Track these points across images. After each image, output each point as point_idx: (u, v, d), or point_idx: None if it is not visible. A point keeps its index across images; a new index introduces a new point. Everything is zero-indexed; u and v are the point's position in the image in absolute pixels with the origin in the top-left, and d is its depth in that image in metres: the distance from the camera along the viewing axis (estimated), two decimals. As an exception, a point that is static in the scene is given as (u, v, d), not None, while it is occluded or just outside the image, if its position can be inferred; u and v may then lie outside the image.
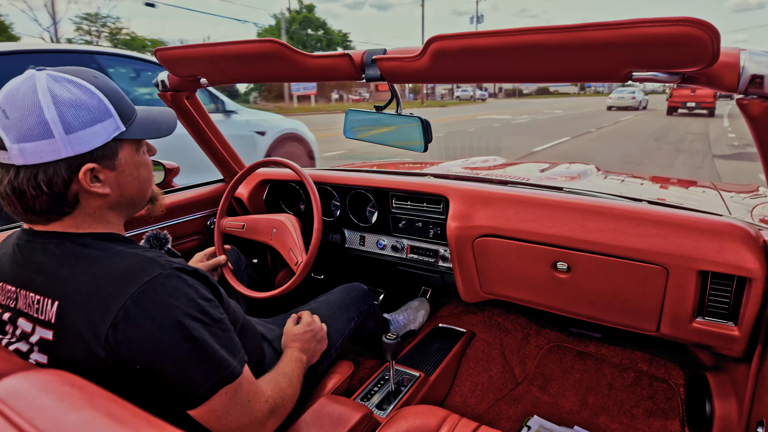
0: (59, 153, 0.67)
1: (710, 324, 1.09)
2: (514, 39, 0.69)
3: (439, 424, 0.94)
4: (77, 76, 0.71)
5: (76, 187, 0.70)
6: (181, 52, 1.09)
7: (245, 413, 0.74)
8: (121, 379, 0.68)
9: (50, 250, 0.71)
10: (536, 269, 1.26)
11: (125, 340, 0.65)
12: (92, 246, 0.72)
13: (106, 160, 0.72)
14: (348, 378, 1.24)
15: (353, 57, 0.90)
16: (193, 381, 0.68)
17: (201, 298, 0.72)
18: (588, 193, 1.35)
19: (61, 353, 0.69)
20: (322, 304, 1.34)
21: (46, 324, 0.69)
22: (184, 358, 0.67)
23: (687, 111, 17.75)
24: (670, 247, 1.07)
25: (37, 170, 0.67)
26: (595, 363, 1.65)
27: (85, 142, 0.69)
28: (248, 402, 0.74)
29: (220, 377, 0.70)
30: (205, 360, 0.69)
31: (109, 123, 0.71)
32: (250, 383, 0.76)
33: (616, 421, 1.44)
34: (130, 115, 0.75)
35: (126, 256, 0.71)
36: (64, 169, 0.68)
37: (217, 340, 0.71)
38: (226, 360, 0.71)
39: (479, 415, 1.51)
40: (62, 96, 0.67)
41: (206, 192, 1.74)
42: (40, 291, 0.70)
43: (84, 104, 0.69)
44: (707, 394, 1.24)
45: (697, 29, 0.57)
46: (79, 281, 0.68)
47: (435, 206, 1.52)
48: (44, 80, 0.67)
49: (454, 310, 1.95)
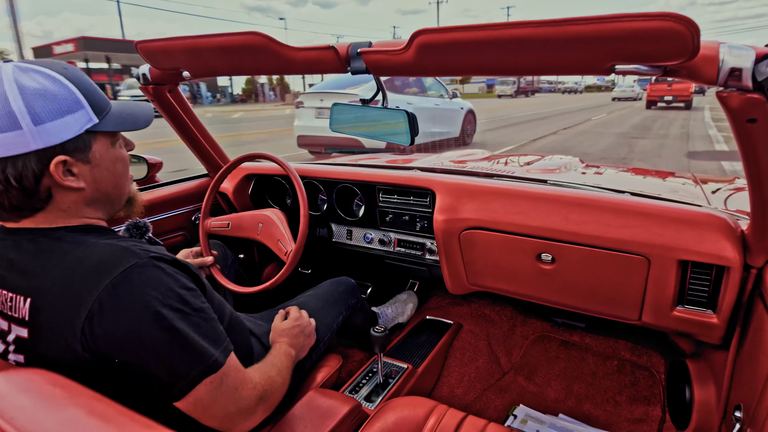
0: (28, 145, 0.65)
1: (690, 312, 1.12)
2: (499, 33, 0.69)
3: (426, 415, 0.95)
4: (46, 66, 0.69)
5: (48, 182, 0.68)
6: (162, 44, 1.07)
7: (233, 401, 0.73)
8: (100, 374, 0.66)
9: (23, 246, 0.69)
10: (521, 261, 1.28)
11: (102, 334, 0.63)
12: (65, 239, 0.70)
13: (79, 153, 0.70)
14: (336, 371, 1.25)
15: (338, 50, 0.90)
16: (175, 372, 0.66)
17: (180, 287, 0.70)
18: (572, 186, 1.37)
19: (37, 351, 0.67)
20: (310, 298, 1.34)
21: (20, 322, 0.67)
22: (164, 349, 0.66)
23: (665, 104, 18.48)
24: (652, 238, 1.09)
25: (5, 164, 0.65)
26: (579, 352, 1.68)
27: (54, 133, 0.66)
28: (235, 390, 0.73)
29: (205, 367, 0.68)
30: (187, 350, 0.67)
31: (80, 114, 0.69)
32: (237, 371, 0.75)
33: (600, 409, 1.48)
34: (103, 107, 0.73)
35: (100, 247, 0.69)
36: (34, 162, 0.66)
37: (199, 329, 0.70)
38: (208, 350, 0.69)
39: (466, 405, 1.53)
40: (29, 86, 0.65)
41: (190, 187, 1.72)
42: (12, 288, 0.68)
43: (53, 95, 0.66)
44: (687, 381, 1.27)
45: (678, 24, 0.58)
46: (52, 276, 0.66)
47: (422, 199, 1.52)
48: (10, 71, 0.65)
49: (441, 302, 1.97)
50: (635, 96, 27.70)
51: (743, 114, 0.71)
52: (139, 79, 1.32)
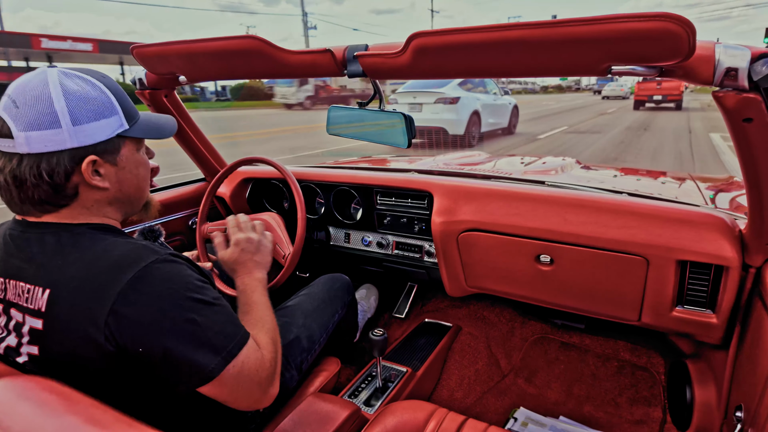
0: (64, 143, 0.69)
1: (689, 312, 1.12)
2: (495, 35, 0.69)
3: (426, 419, 0.94)
4: (87, 74, 0.74)
5: (77, 179, 0.72)
6: (158, 49, 1.07)
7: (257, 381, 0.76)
8: (117, 367, 0.68)
9: (46, 240, 0.72)
10: (520, 262, 1.28)
11: (127, 325, 0.66)
12: (87, 235, 0.73)
13: (108, 155, 0.74)
14: (335, 375, 1.24)
15: (335, 53, 0.90)
16: (199, 360, 0.69)
17: (198, 280, 0.74)
18: (570, 187, 1.37)
19: (52, 342, 0.69)
20: (306, 297, 1.34)
21: (36, 313, 0.69)
22: (186, 339, 0.68)
23: (654, 105, 16.90)
24: (650, 238, 1.09)
25: (40, 159, 0.68)
26: (578, 353, 1.68)
27: (90, 134, 0.71)
28: (257, 371, 0.76)
29: (227, 353, 0.71)
30: (210, 339, 0.70)
31: (114, 119, 0.74)
32: (255, 350, 0.78)
33: (601, 410, 1.47)
34: (134, 115, 0.78)
35: (120, 245, 0.72)
36: (67, 159, 0.70)
37: (219, 317, 0.73)
38: (228, 336, 0.73)
39: (466, 409, 1.52)
40: (72, 89, 0.70)
41: (187, 191, 1.71)
42: (30, 280, 0.70)
43: (92, 99, 0.71)
44: (687, 381, 1.27)
45: (673, 24, 0.58)
46: (73, 269, 0.69)
47: (419, 202, 1.52)
48: (56, 75, 0.70)
49: (440, 304, 1.96)
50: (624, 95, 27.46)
51: (739, 114, 0.71)
52: (135, 83, 1.32)
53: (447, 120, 7.79)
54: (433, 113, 7.81)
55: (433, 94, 7.81)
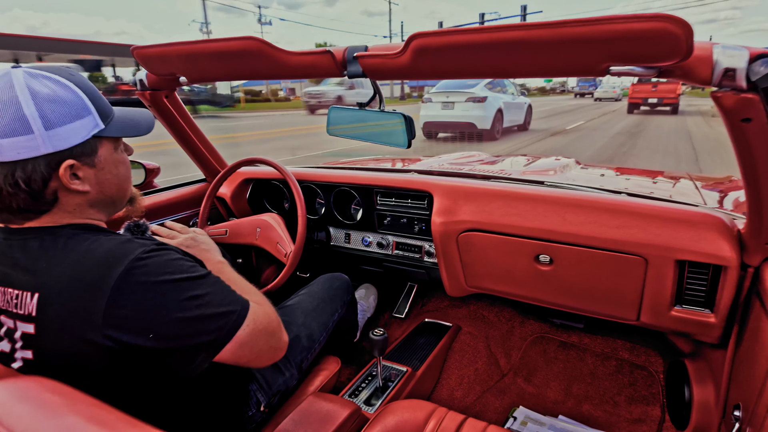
0: (38, 149, 0.66)
1: (688, 312, 1.13)
2: (495, 35, 0.70)
3: (426, 418, 0.94)
4: (54, 73, 0.70)
5: (56, 185, 0.69)
6: (158, 50, 1.07)
7: (269, 332, 0.79)
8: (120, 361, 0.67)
9: (29, 245, 0.71)
10: (519, 262, 1.28)
11: (128, 317, 0.65)
12: (70, 236, 0.72)
13: (86, 157, 0.71)
14: (335, 375, 1.24)
15: (335, 54, 0.90)
16: (212, 326, 0.70)
17: (189, 263, 0.74)
18: (569, 187, 1.38)
19: (45, 345, 0.68)
20: (306, 296, 1.34)
21: (27, 318, 0.68)
22: (196, 310, 0.69)
23: (649, 108, 15.70)
24: (649, 238, 1.09)
25: (14, 167, 0.66)
26: (577, 353, 1.68)
27: (64, 138, 0.68)
28: (268, 323, 0.79)
29: (237, 315, 0.73)
30: (218, 304, 0.71)
31: (88, 120, 0.71)
32: (259, 306, 0.80)
33: (600, 409, 1.48)
34: (108, 113, 0.75)
35: (105, 242, 0.71)
36: (43, 165, 0.67)
37: (218, 287, 0.74)
38: (233, 301, 0.74)
39: (466, 408, 1.52)
40: (41, 92, 0.66)
41: (188, 192, 1.72)
42: (18, 286, 0.69)
43: (63, 100, 0.68)
44: (686, 380, 1.28)
45: (671, 24, 0.58)
46: (58, 270, 0.67)
47: (419, 202, 1.52)
48: (21, 76, 0.66)
49: (440, 304, 1.96)
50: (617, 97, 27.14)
51: (738, 114, 0.71)
52: (136, 84, 1.33)
53: (476, 116, 9.02)
54: (464, 110, 9.04)
55: (464, 94, 8.96)
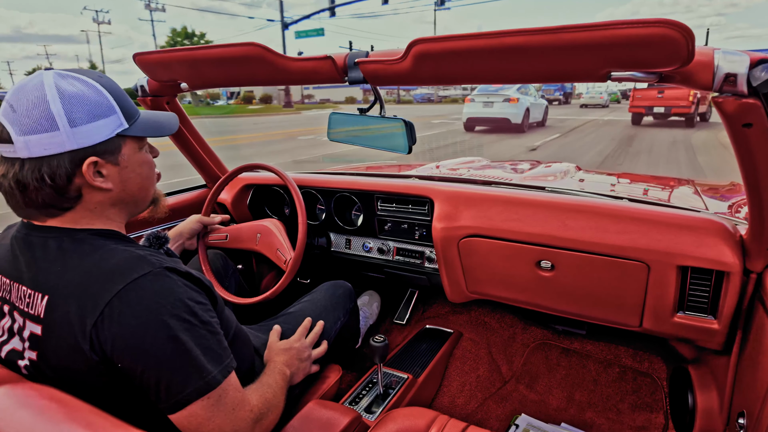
0: (63, 145, 0.68)
1: (691, 318, 1.12)
2: (495, 41, 0.70)
3: (427, 426, 0.94)
4: (83, 74, 0.73)
5: (80, 181, 0.72)
6: (160, 56, 1.08)
7: (229, 421, 0.72)
8: (105, 377, 0.67)
9: (49, 245, 0.72)
10: (520, 268, 1.28)
11: (109, 337, 0.65)
12: (87, 242, 0.73)
13: (109, 155, 0.73)
14: (336, 382, 1.24)
15: (336, 60, 0.90)
16: (174, 384, 0.67)
17: (190, 299, 0.71)
18: (570, 192, 1.37)
19: (48, 349, 0.69)
20: (308, 304, 1.33)
21: (35, 318, 0.69)
22: (165, 359, 0.66)
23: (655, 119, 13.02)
24: (651, 244, 1.09)
25: (41, 163, 0.68)
26: (580, 359, 1.67)
27: (88, 135, 0.70)
28: (233, 410, 0.73)
29: (203, 382, 0.68)
30: (189, 363, 0.68)
31: (112, 119, 0.73)
32: (236, 391, 0.74)
33: (603, 416, 1.46)
34: (133, 114, 0.77)
35: (118, 253, 0.72)
36: (67, 161, 0.69)
37: (204, 342, 0.70)
38: (206, 367, 0.70)
39: (468, 415, 1.51)
40: (68, 90, 0.69)
41: (189, 198, 1.72)
42: (31, 285, 0.70)
43: (89, 99, 0.71)
44: (689, 387, 1.27)
45: (672, 30, 0.58)
46: (70, 276, 0.69)
47: (420, 208, 1.52)
48: (51, 77, 0.70)
49: (441, 310, 1.96)
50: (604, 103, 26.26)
51: (739, 119, 0.71)
52: (137, 90, 1.33)
53: (511, 113, 11.87)
54: (501, 108, 11.89)
55: (501, 96, 11.84)
